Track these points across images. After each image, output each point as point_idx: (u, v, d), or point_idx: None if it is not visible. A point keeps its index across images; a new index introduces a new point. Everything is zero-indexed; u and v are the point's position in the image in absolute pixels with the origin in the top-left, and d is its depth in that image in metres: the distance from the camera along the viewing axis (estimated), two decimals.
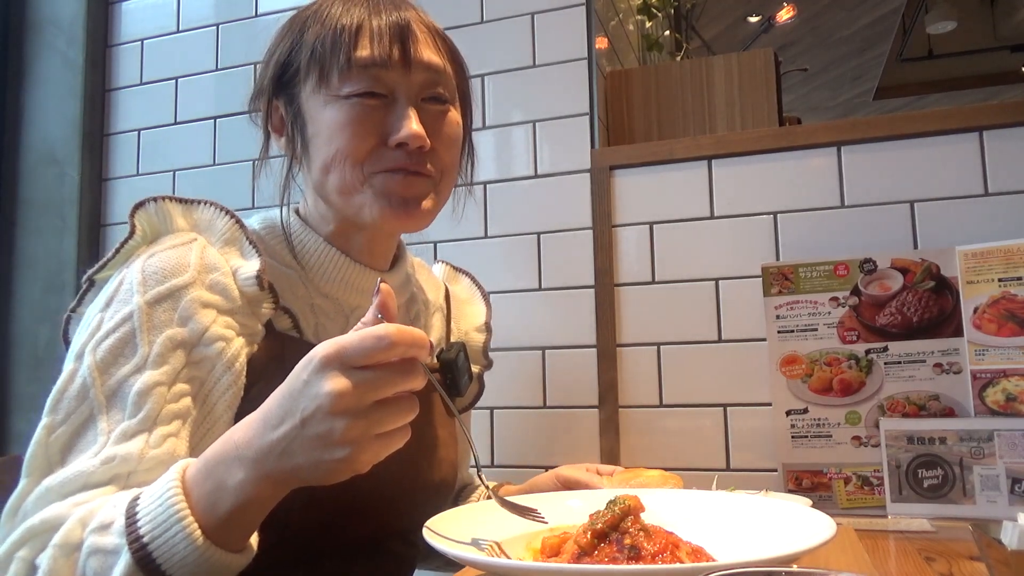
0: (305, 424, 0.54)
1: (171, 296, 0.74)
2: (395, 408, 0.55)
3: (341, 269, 0.87)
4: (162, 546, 0.56)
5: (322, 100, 0.81)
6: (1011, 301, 1.11)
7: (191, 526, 0.56)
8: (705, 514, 0.76)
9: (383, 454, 0.56)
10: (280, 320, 0.82)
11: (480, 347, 1.08)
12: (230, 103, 1.73)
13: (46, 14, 1.85)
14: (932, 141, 1.25)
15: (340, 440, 0.53)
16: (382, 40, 0.79)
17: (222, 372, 0.74)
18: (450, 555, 0.62)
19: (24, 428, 1.73)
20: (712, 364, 1.33)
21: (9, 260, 1.81)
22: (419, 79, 0.81)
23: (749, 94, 1.53)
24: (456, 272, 1.15)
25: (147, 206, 0.80)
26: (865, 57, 4.50)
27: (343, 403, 0.53)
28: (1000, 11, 4.10)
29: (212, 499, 0.57)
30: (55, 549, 0.59)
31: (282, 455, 0.55)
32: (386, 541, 0.88)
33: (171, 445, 0.69)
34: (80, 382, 0.69)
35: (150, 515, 0.57)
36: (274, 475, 0.56)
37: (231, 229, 0.82)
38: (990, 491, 1.08)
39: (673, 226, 1.38)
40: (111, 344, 0.71)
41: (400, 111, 0.80)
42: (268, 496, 0.57)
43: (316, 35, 0.81)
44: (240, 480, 0.56)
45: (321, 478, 0.55)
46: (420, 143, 0.79)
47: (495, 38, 1.52)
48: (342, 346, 0.54)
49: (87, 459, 0.66)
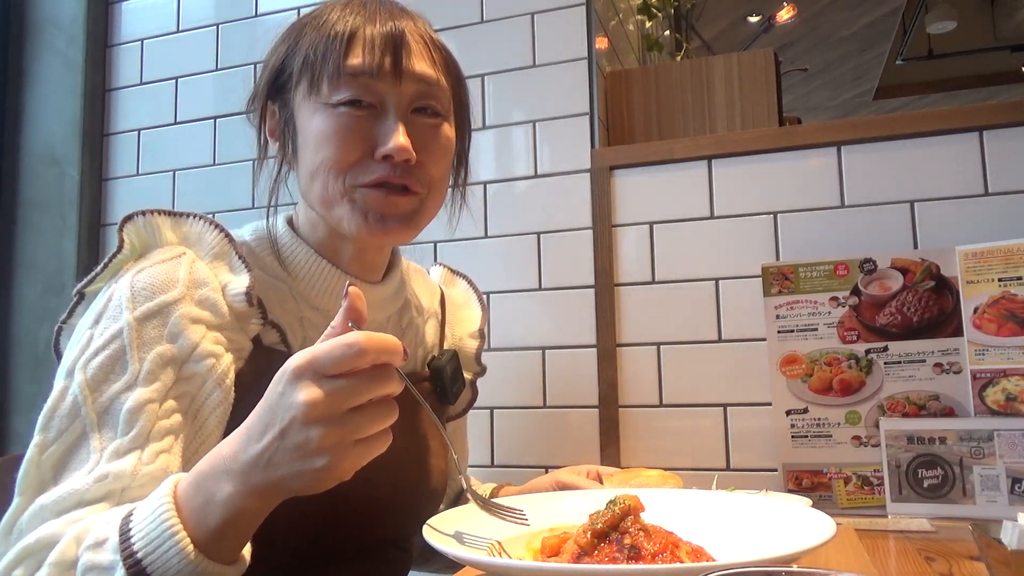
0: (284, 435, 0.54)
1: (160, 313, 0.73)
2: (371, 414, 0.55)
3: (329, 281, 0.86)
4: (156, 561, 0.56)
5: (312, 107, 0.80)
6: (1011, 301, 1.11)
7: (183, 540, 0.56)
8: (705, 514, 0.76)
9: (364, 460, 0.56)
10: (268, 335, 0.81)
11: (473, 353, 1.06)
12: (230, 103, 1.73)
13: (46, 14, 1.85)
14: (932, 141, 1.25)
15: (317, 448, 0.53)
16: (373, 49, 0.78)
17: (212, 388, 0.74)
18: (450, 555, 0.62)
19: (24, 428, 1.73)
20: (712, 364, 1.33)
21: (9, 260, 1.81)
22: (410, 90, 0.80)
23: (749, 94, 1.53)
24: (453, 276, 1.14)
25: (136, 219, 0.79)
26: (865, 57, 4.50)
27: (316, 412, 0.53)
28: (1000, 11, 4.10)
29: (202, 513, 0.57)
30: (51, 568, 0.59)
31: (267, 467, 0.55)
32: (379, 547, 0.88)
33: (164, 461, 0.69)
34: (71, 400, 0.69)
35: (143, 531, 0.57)
36: (260, 487, 0.56)
37: (220, 243, 0.81)
38: (990, 491, 1.08)
39: (673, 226, 1.38)
40: (101, 361, 0.70)
41: (388, 123, 0.79)
42: (257, 508, 0.57)
43: (311, 41, 0.81)
44: (228, 494, 0.56)
45: (306, 487, 0.56)
46: (406, 156, 0.78)
47: (495, 38, 1.52)
48: (313, 356, 0.54)
49: (80, 477, 0.66)
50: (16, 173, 1.83)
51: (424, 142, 0.81)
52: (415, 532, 0.89)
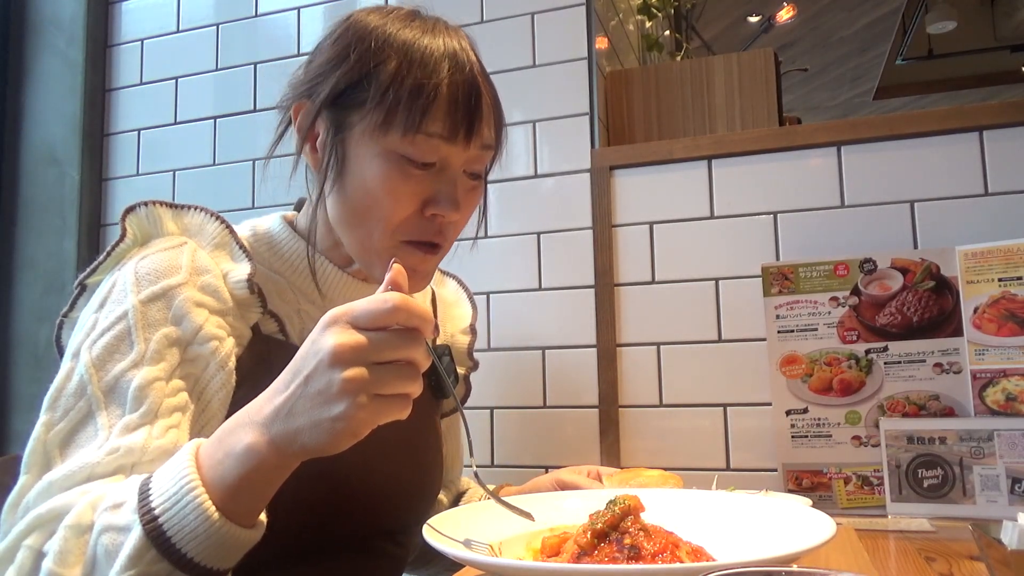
0: (308, 380, 0.55)
1: (164, 296, 0.74)
2: (395, 372, 0.56)
3: (328, 278, 0.87)
4: (173, 518, 0.56)
5: (374, 148, 0.78)
6: (1011, 301, 1.11)
7: (202, 496, 0.56)
8: (705, 514, 0.76)
9: (380, 418, 0.56)
10: (267, 324, 0.82)
11: (465, 349, 1.09)
12: (230, 103, 1.73)
13: (46, 14, 1.85)
14: (932, 141, 1.25)
15: (339, 392, 0.54)
16: (455, 114, 0.77)
17: (215, 371, 0.75)
18: (450, 555, 0.62)
19: (24, 428, 1.72)
20: (712, 364, 1.33)
21: (9, 260, 1.81)
22: (472, 155, 0.81)
23: (749, 94, 1.53)
24: (443, 276, 1.16)
25: (138, 210, 0.80)
26: (865, 57, 4.49)
27: (342, 355, 0.54)
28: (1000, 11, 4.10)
29: (222, 468, 0.57)
30: (66, 530, 0.59)
31: (287, 416, 0.56)
32: (374, 541, 0.88)
33: (174, 436, 0.70)
34: (77, 379, 0.70)
35: (163, 490, 0.58)
36: (279, 438, 0.56)
37: (221, 234, 0.82)
38: (990, 491, 1.08)
39: (673, 226, 1.38)
40: (107, 341, 0.71)
41: (447, 184, 0.80)
42: (274, 464, 0.57)
43: (392, 77, 0.77)
44: (247, 444, 0.57)
45: (320, 443, 0.56)
46: (455, 219, 0.81)
47: (495, 38, 1.52)
48: (349, 307, 0.56)
49: (91, 451, 0.66)
50: (16, 173, 1.83)
51: (464, 201, 0.82)
52: (411, 525, 0.90)
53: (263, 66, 1.71)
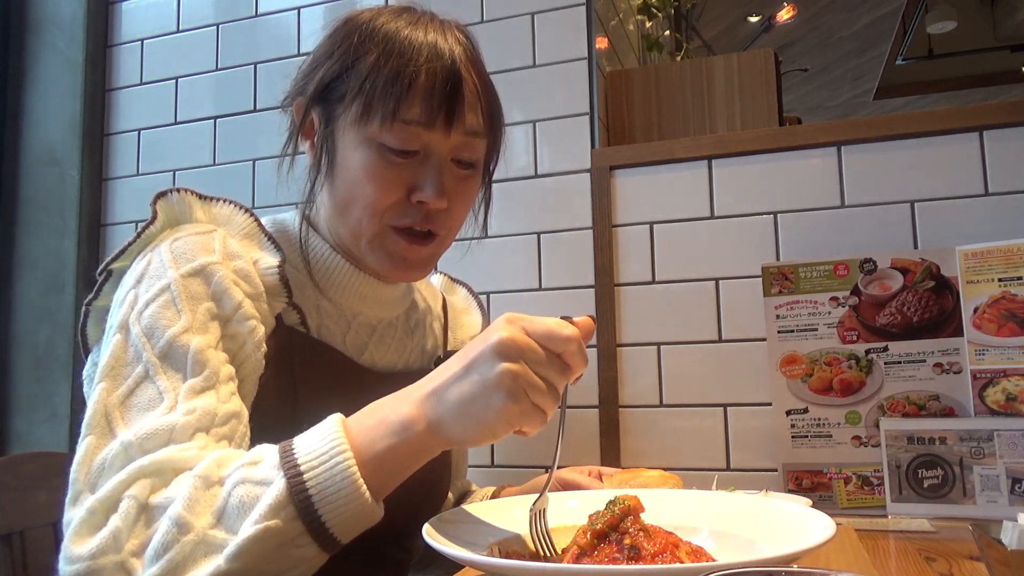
0: (471, 365, 0.60)
1: (203, 272, 0.74)
2: (545, 384, 0.60)
3: (346, 276, 0.88)
4: (319, 476, 0.58)
5: (357, 137, 0.80)
6: (1011, 301, 1.11)
7: (350, 460, 0.58)
8: (705, 514, 0.75)
9: (520, 422, 0.60)
10: (289, 315, 0.83)
11: None
12: (230, 103, 1.73)
13: (46, 14, 1.85)
14: (932, 141, 1.25)
15: (495, 383, 0.58)
16: (431, 99, 0.78)
17: (252, 351, 0.76)
18: (450, 555, 0.62)
19: (24, 428, 1.72)
20: (712, 364, 1.33)
21: (9, 260, 1.81)
22: (455, 142, 0.82)
23: (749, 94, 1.53)
24: (453, 283, 1.17)
25: (169, 196, 0.81)
26: (865, 57, 4.49)
27: (509, 349, 0.58)
28: (1000, 11, 4.10)
29: (374, 433, 0.60)
30: (196, 479, 0.59)
31: (442, 395, 0.60)
32: (380, 545, 0.88)
33: (237, 403, 0.71)
34: (132, 349, 0.69)
35: (309, 448, 0.59)
36: (430, 416, 0.60)
37: (249, 224, 0.83)
38: (990, 491, 1.08)
39: (673, 226, 1.38)
40: (154, 310, 0.71)
41: (430, 171, 0.81)
42: (421, 443, 0.60)
43: (370, 68, 0.79)
44: (404, 415, 0.60)
45: (465, 431, 0.60)
46: (441, 206, 0.82)
47: (495, 38, 1.52)
48: (529, 317, 0.61)
49: (164, 414, 0.66)
50: (16, 173, 1.83)
51: (454, 190, 0.83)
52: (416, 531, 0.90)
53: (263, 66, 1.71)
